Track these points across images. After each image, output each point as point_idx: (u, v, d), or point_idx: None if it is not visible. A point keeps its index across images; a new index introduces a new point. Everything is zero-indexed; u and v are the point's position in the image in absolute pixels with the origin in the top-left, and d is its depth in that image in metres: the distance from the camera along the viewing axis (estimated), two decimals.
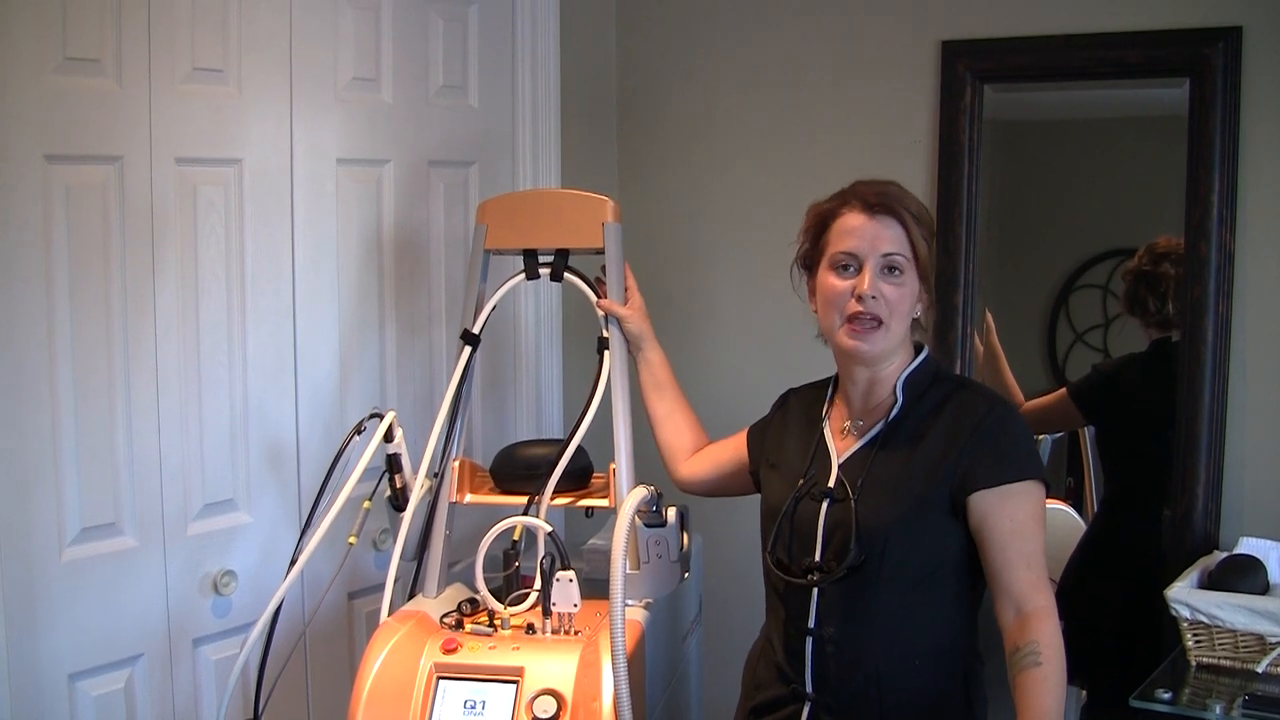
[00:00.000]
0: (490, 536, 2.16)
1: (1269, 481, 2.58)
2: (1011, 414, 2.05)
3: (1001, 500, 1.95)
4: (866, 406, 2.11)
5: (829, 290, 2.06)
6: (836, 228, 2.07)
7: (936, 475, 1.99)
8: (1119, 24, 2.67)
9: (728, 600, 2.99)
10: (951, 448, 1.99)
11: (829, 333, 2.09)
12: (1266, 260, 2.57)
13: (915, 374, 2.09)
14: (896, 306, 2.03)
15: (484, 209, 2.37)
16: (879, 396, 2.10)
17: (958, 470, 1.98)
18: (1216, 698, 2.22)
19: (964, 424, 2.01)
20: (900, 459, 2.03)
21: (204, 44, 2.34)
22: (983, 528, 1.95)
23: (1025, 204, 2.96)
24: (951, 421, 2.02)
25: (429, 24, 2.78)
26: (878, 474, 2.03)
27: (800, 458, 2.15)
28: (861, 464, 2.06)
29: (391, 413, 2.31)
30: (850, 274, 2.04)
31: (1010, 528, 1.94)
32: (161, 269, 2.31)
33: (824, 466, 2.11)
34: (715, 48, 3.16)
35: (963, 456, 1.98)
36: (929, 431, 2.03)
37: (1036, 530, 1.96)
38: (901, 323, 2.05)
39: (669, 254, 3.22)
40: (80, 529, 2.21)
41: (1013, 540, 1.93)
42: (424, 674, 2.08)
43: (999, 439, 1.99)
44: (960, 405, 2.04)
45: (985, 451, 1.97)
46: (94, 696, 2.25)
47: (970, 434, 1.99)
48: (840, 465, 2.08)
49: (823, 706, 2.04)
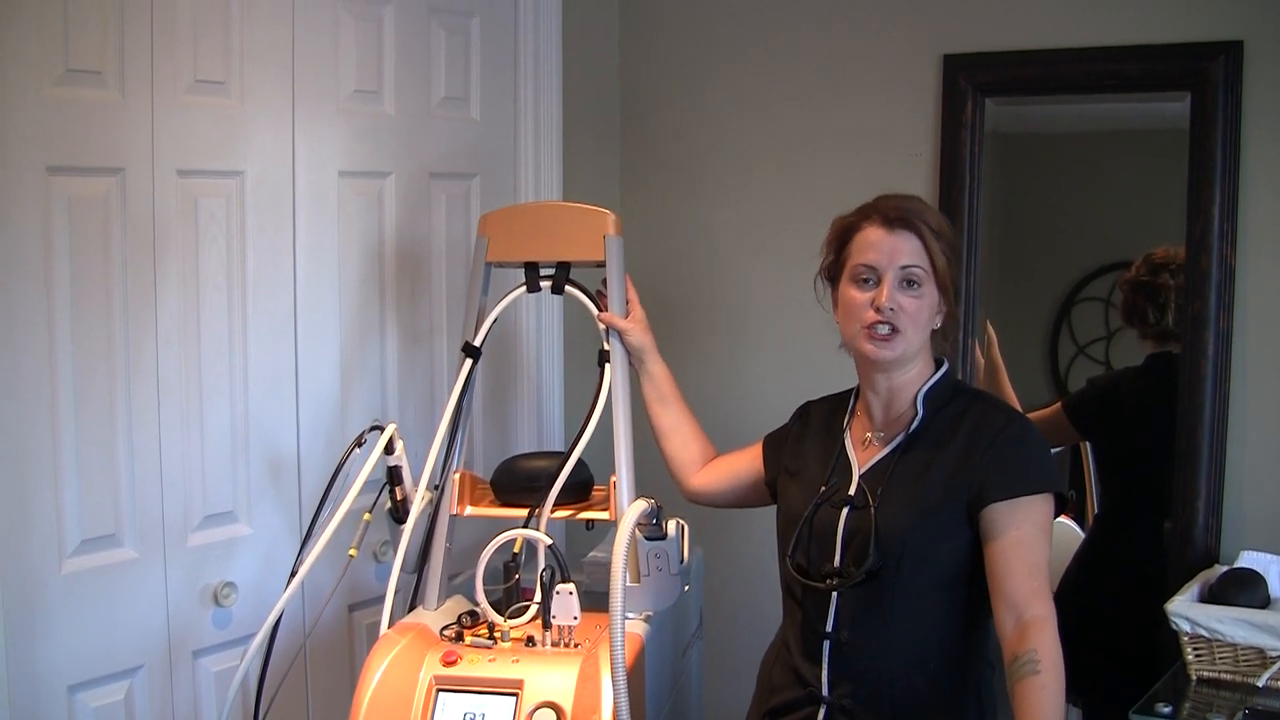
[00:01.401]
0: (490, 549, 2.16)
1: (1270, 495, 2.59)
2: (1028, 427, 2.09)
3: (1012, 510, 1.98)
4: (888, 418, 2.15)
5: (849, 302, 2.11)
6: (857, 241, 2.12)
7: (953, 485, 2.02)
8: (1120, 38, 2.68)
9: (729, 613, 3.00)
10: (969, 459, 2.03)
11: (849, 341, 2.14)
12: (1267, 274, 2.58)
13: (936, 387, 2.13)
14: (914, 317, 2.07)
15: (485, 221, 2.38)
16: (900, 408, 2.14)
17: (974, 481, 2.01)
18: (1216, 712, 2.22)
19: (982, 437, 2.05)
20: (919, 469, 2.07)
21: (206, 56, 2.34)
22: (989, 535, 1.99)
23: (1027, 217, 2.96)
24: (970, 434, 2.06)
25: (431, 36, 2.78)
26: (897, 483, 2.07)
27: (821, 466, 2.19)
28: (882, 473, 2.10)
29: (392, 425, 2.31)
30: (870, 286, 2.09)
31: (1015, 536, 1.96)
32: (163, 280, 2.31)
33: (845, 475, 2.14)
34: (717, 60, 3.17)
35: (979, 468, 2.02)
36: (948, 443, 2.07)
37: (1041, 541, 1.99)
38: (919, 332, 2.09)
39: (671, 266, 3.22)
40: (80, 540, 2.21)
41: (1016, 549, 1.96)
42: (424, 686, 2.07)
43: (1015, 452, 2.03)
44: (978, 418, 2.08)
45: (1001, 465, 2.01)
46: (93, 708, 2.24)
47: (987, 447, 2.03)
48: (861, 475, 2.12)
49: (838, 709, 2.06)
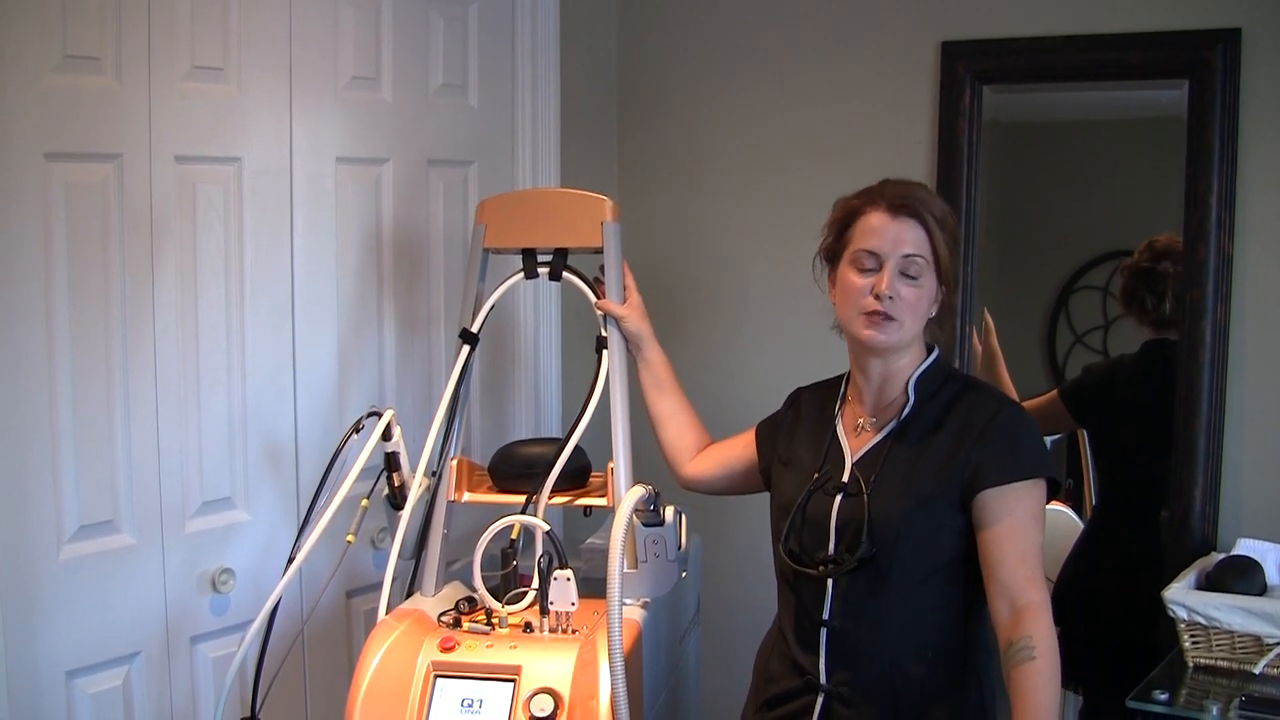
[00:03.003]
0: (488, 535, 2.16)
1: (1267, 483, 2.59)
2: (1020, 413, 2.09)
3: (1004, 497, 1.98)
4: (879, 405, 2.14)
5: (849, 286, 2.09)
6: (860, 225, 2.10)
7: (947, 472, 2.02)
8: (1118, 25, 2.68)
9: (726, 599, 3.00)
10: (961, 446, 2.03)
11: (845, 324, 2.12)
12: (1265, 262, 2.58)
13: (927, 373, 2.12)
14: (913, 306, 2.06)
15: (483, 208, 2.38)
16: (891, 394, 2.13)
17: (967, 468, 2.01)
18: (1213, 699, 2.22)
19: (974, 423, 2.04)
20: (912, 456, 2.06)
21: (204, 42, 2.34)
22: (982, 522, 1.99)
23: (1025, 205, 2.96)
24: (962, 420, 2.06)
25: (429, 23, 2.78)
26: (890, 470, 2.06)
27: (813, 454, 2.18)
28: (875, 460, 2.09)
29: (390, 411, 2.31)
30: (870, 273, 2.07)
31: (1009, 523, 1.96)
32: (161, 267, 2.31)
33: (837, 462, 2.14)
34: (715, 48, 3.16)
35: (972, 454, 2.01)
36: (940, 430, 2.07)
37: (1034, 527, 1.99)
38: (916, 321, 2.08)
39: (669, 253, 3.22)
40: (78, 526, 2.21)
41: (1010, 535, 1.96)
42: (421, 672, 2.08)
43: (1007, 438, 2.02)
44: (970, 405, 2.08)
45: (994, 450, 2.01)
46: (91, 694, 2.25)
47: (980, 433, 2.03)
48: (854, 462, 2.12)
49: (836, 698, 2.06)
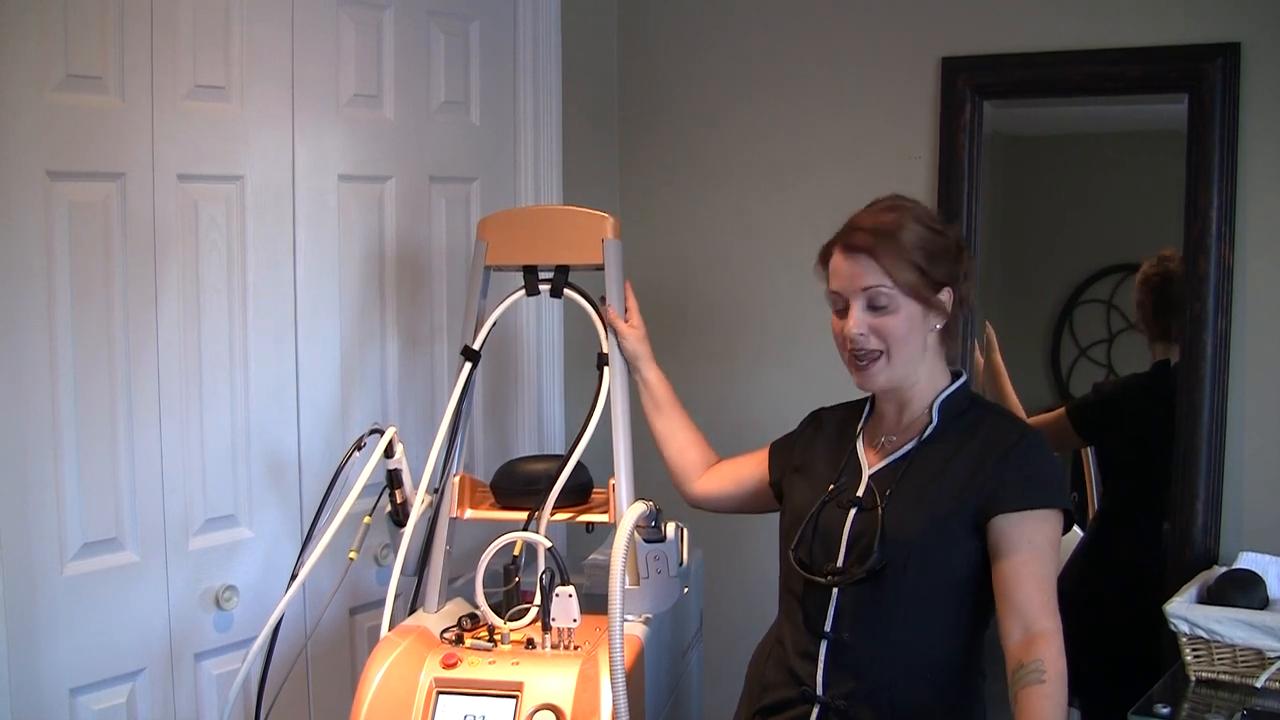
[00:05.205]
0: (490, 552, 2.16)
1: (1268, 496, 2.59)
2: (1041, 443, 2.08)
3: (1022, 523, 1.98)
4: (901, 424, 2.15)
5: (833, 329, 2.13)
6: (830, 268, 2.13)
7: (964, 494, 2.02)
8: (1118, 40, 2.68)
9: (728, 615, 3.00)
10: (980, 470, 2.03)
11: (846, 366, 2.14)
12: (1265, 275, 2.58)
13: (952, 397, 2.13)
14: (891, 334, 2.06)
15: (484, 225, 2.38)
16: (913, 415, 2.14)
17: (985, 492, 2.00)
18: (1215, 713, 2.22)
19: (994, 449, 2.04)
20: (930, 475, 2.06)
21: (206, 60, 2.35)
22: (999, 547, 1.98)
23: (1026, 219, 2.96)
24: (983, 445, 2.06)
25: (431, 40, 2.79)
26: (907, 487, 2.07)
27: (830, 467, 2.19)
28: (892, 476, 2.09)
29: (392, 428, 2.31)
30: (844, 313, 2.10)
31: (1028, 549, 1.96)
32: (163, 285, 2.31)
33: (854, 476, 2.14)
34: (717, 65, 3.17)
35: (990, 479, 2.01)
36: (960, 452, 2.06)
37: (1051, 556, 1.99)
38: (905, 348, 2.07)
39: (671, 269, 3.22)
40: (82, 544, 2.22)
41: (1028, 562, 1.96)
42: (424, 689, 2.08)
43: (1027, 466, 2.02)
44: (992, 430, 2.08)
45: (1013, 477, 2.00)
46: (95, 711, 2.25)
47: (1000, 459, 2.02)
48: (871, 476, 2.12)
49: (832, 710, 2.06)
